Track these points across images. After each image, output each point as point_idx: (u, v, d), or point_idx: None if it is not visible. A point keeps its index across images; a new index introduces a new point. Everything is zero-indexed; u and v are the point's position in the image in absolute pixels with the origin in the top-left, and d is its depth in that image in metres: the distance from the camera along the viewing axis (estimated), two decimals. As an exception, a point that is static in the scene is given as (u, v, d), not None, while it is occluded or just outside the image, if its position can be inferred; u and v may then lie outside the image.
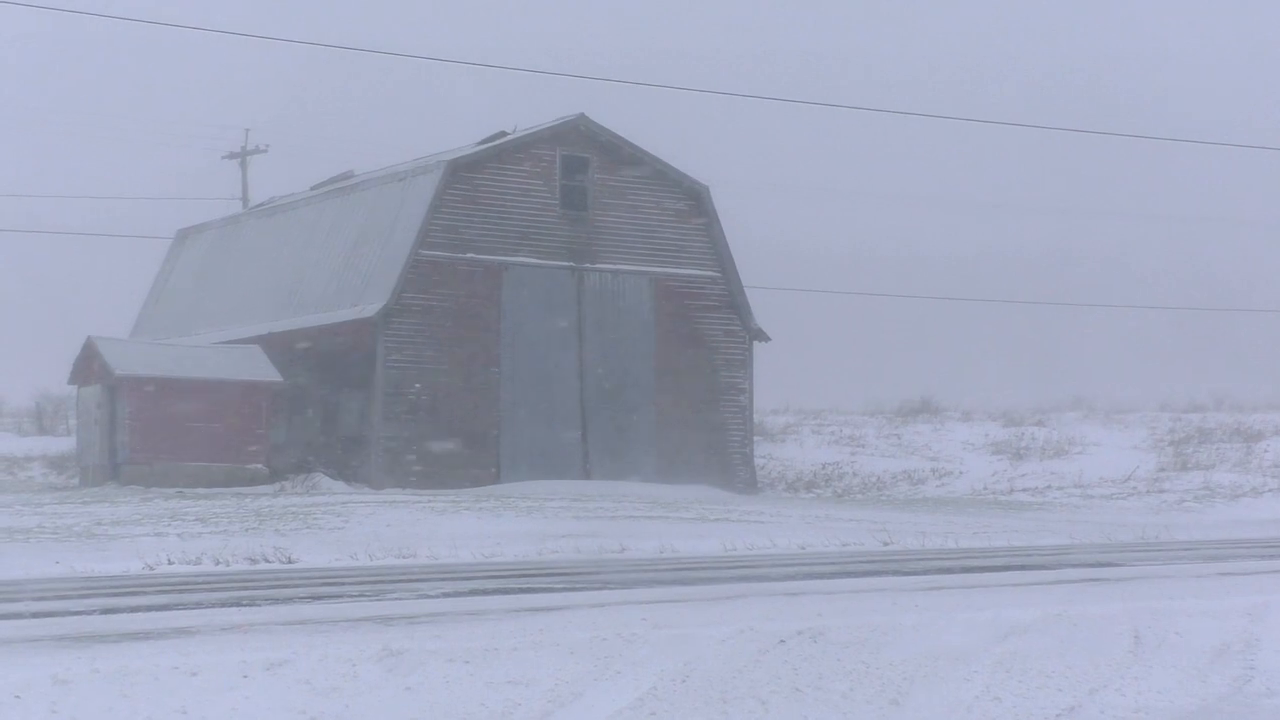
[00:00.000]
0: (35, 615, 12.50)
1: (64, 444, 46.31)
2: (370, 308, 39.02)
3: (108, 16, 37.03)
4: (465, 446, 39.47)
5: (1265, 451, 47.21)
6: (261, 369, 40.09)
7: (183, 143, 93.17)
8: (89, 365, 39.78)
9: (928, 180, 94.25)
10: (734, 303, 42.95)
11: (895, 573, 17.67)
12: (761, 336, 43.28)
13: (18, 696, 8.72)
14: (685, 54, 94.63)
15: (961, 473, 46.05)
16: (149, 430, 38.26)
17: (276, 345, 41.03)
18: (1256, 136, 66.45)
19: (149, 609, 13.03)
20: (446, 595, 14.50)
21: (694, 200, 42.45)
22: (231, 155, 59.23)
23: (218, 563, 18.54)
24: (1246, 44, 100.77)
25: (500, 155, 40.65)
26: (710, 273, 42.68)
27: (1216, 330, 68.59)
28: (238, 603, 13.63)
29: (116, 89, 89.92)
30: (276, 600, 13.88)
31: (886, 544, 23.46)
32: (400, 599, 14.15)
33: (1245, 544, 24.77)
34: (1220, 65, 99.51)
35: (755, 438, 44.57)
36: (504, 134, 41.92)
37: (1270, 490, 40.80)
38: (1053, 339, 70.49)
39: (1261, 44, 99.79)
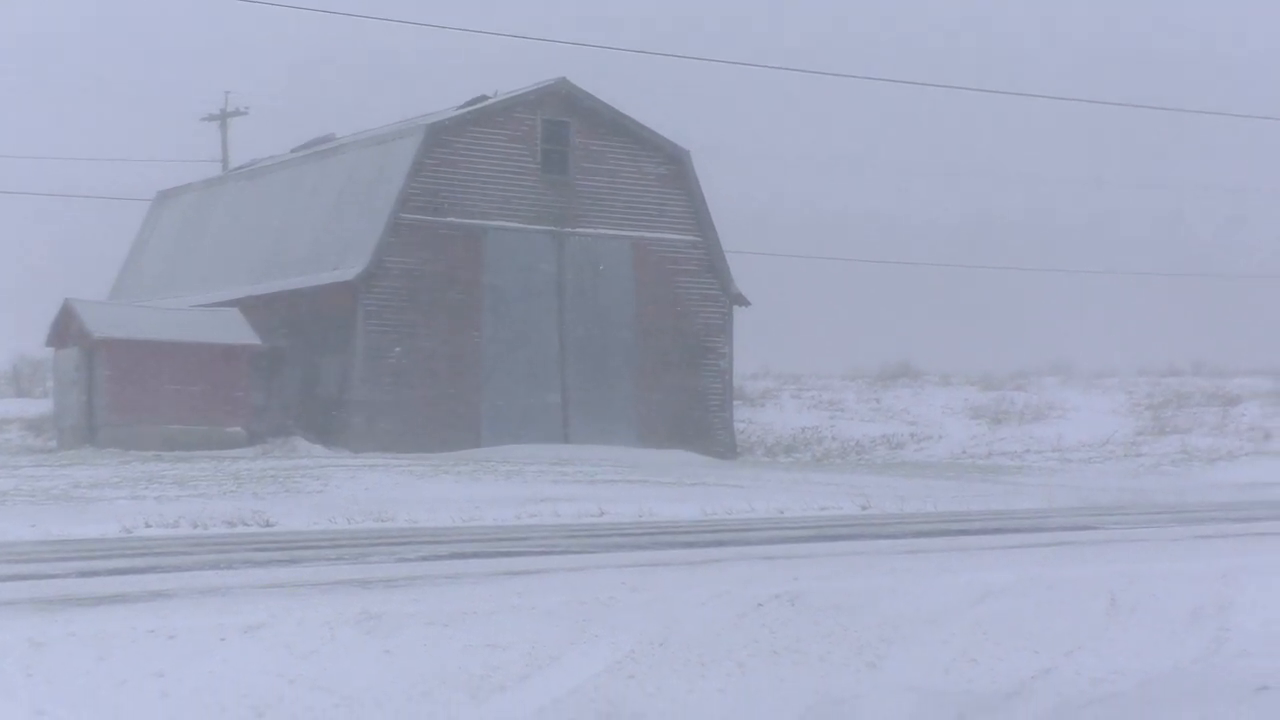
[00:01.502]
0: (11, 578, 12.47)
1: (41, 406, 46.20)
2: (350, 271, 38.94)
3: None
4: (445, 410, 39.46)
5: (1242, 416, 47.45)
6: (241, 332, 40.02)
7: (162, 105, 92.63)
8: (67, 327, 39.67)
9: (908, 146, 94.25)
10: (714, 267, 42.92)
11: (873, 536, 17.71)
12: (741, 301, 43.28)
13: (-7, 659, 8.69)
14: (666, 19, 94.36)
15: (940, 437, 46.19)
16: (127, 393, 38.19)
17: (256, 308, 40.93)
18: (1242, 105, 66.50)
19: (126, 572, 13.00)
20: (425, 559, 14.49)
21: (675, 165, 42.38)
22: (211, 117, 58.93)
23: (195, 526, 18.52)
24: (1236, 13, 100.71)
25: (481, 119, 40.53)
26: (690, 237, 42.64)
27: (1195, 296, 68.77)
28: (215, 566, 13.61)
29: (96, 50, 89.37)
30: (254, 563, 13.87)
31: (865, 508, 23.52)
32: (379, 562, 14.15)
33: (1221, 507, 24.88)
34: (1202, 33, 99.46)
35: (735, 402, 44.62)
36: (485, 98, 41.79)
37: (1246, 454, 41.01)
38: (1032, 304, 70.59)
39: (1250, 15, 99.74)
